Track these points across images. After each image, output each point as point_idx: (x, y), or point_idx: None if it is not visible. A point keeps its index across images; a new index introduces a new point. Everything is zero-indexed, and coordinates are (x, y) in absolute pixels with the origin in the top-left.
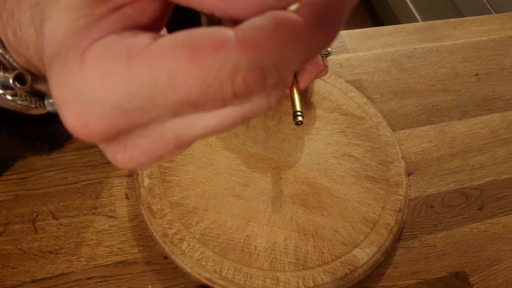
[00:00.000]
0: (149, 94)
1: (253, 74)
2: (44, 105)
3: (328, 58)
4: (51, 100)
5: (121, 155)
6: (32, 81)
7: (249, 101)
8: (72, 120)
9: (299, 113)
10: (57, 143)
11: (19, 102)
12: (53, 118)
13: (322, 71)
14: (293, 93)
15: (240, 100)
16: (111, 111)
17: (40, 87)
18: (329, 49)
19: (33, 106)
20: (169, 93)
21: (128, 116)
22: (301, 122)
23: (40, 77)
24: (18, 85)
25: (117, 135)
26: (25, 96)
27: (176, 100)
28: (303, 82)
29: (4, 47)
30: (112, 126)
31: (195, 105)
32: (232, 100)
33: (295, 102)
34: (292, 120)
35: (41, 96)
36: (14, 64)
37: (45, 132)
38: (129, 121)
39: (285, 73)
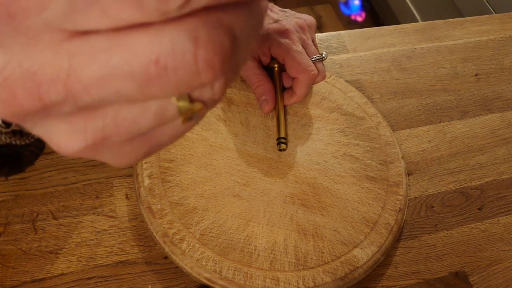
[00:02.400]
0: None
1: None
2: None
3: (328, 57)
4: None
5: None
6: None
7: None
8: None
9: (283, 140)
10: (18, 167)
11: None
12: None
13: (316, 76)
14: (280, 116)
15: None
16: None
17: None
18: (323, 53)
19: None
20: None
21: None
22: (284, 149)
23: None
24: None
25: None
26: None
27: None
28: (298, 91)
29: None
30: None
31: None
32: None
33: (280, 127)
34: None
35: None
36: None
37: (7, 152)
38: None
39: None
